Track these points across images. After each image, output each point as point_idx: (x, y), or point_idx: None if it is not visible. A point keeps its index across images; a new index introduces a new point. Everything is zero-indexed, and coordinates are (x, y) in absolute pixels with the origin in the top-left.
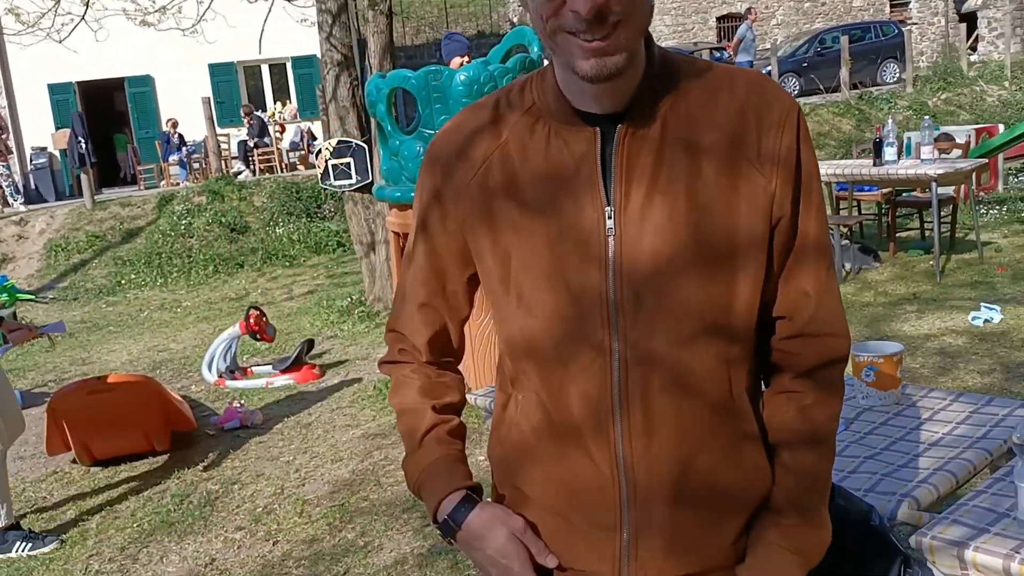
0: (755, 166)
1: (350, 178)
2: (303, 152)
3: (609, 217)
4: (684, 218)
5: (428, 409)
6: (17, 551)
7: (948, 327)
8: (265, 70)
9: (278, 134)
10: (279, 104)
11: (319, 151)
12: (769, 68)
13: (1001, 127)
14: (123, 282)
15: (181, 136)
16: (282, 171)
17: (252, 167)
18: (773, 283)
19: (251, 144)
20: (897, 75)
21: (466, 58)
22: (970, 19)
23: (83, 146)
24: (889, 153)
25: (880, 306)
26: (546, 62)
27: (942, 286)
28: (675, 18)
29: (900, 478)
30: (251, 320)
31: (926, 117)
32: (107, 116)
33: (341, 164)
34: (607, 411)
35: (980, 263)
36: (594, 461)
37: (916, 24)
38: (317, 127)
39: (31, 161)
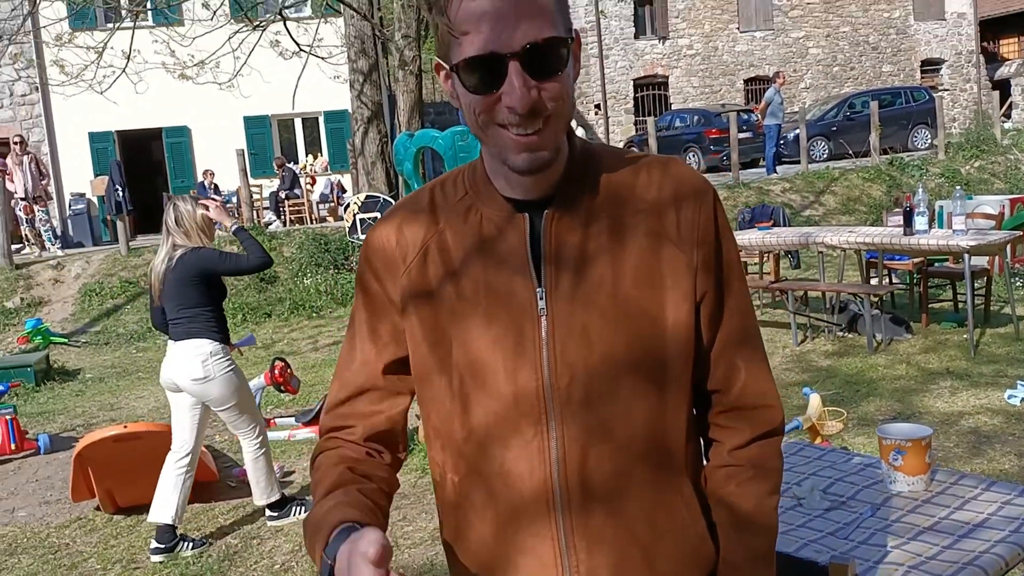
0: (676, 245)
1: None
2: (332, 204)
3: (541, 298)
4: (612, 296)
5: (344, 469)
6: (295, 515)
7: (982, 405)
8: (298, 123)
9: (309, 186)
10: (311, 156)
11: (348, 205)
12: (797, 131)
13: None
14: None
15: (216, 186)
16: (312, 223)
17: (283, 218)
18: (704, 357)
19: (282, 195)
20: (929, 141)
21: None
22: (1003, 86)
23: (120, 194)
24: (920, 222)
25: (912, 380)
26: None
27: (976, 361)
28: (702, 79)
29: (928, 571)
30: (276, 371)
31: (957, 187)
32: (145, 165)
33: (369, 218)
34: (548, 489)
35: (1016, 338)
36: (538, 556)
37: (948, 90)
38: (347, 180)
39: (70, 207)
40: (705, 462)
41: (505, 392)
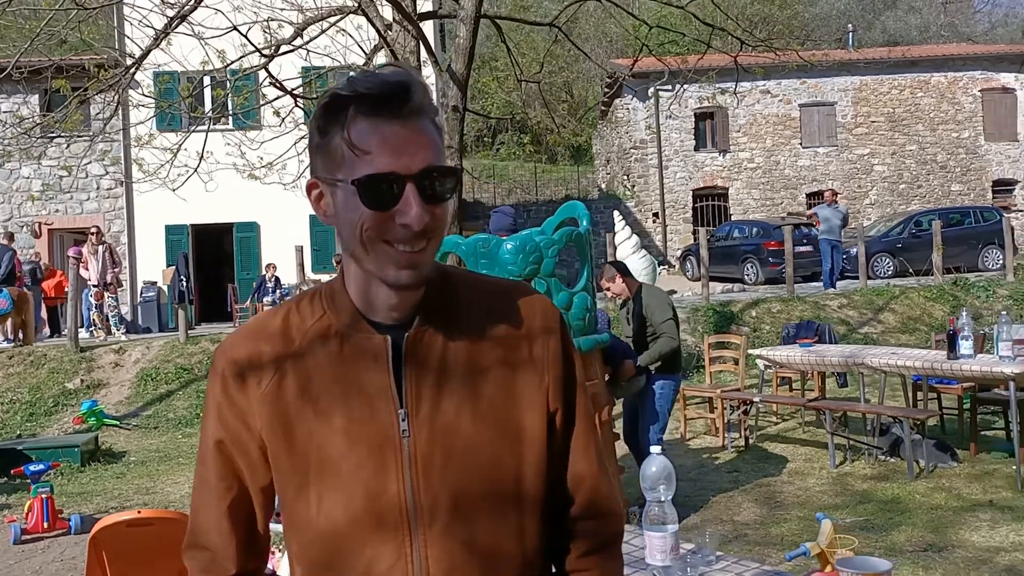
0: (529, 366)
1: None
2: None
3: (403, 420)
4: (472, 417)
5: None
6: None
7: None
8: None
9: None
10: None
11: None
12: (856, 248)
13: None
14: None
15: (277, 279)
16: None
17: None
18: (555, 469)
19: None
20: (1000, 262)
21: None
22: None
23: (183, 284)
24: (964, 347)
25: (950, 510)
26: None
27: (1023, 493)
28: (763, 192)
29: None
30: None
31: (1003, 312)
32: (215, 257)
33: None
34: None
35: None
36: None
37: (1022, 211)
38: None
39: (141, 294)
40: (553, 569)
41: (368, 516)
